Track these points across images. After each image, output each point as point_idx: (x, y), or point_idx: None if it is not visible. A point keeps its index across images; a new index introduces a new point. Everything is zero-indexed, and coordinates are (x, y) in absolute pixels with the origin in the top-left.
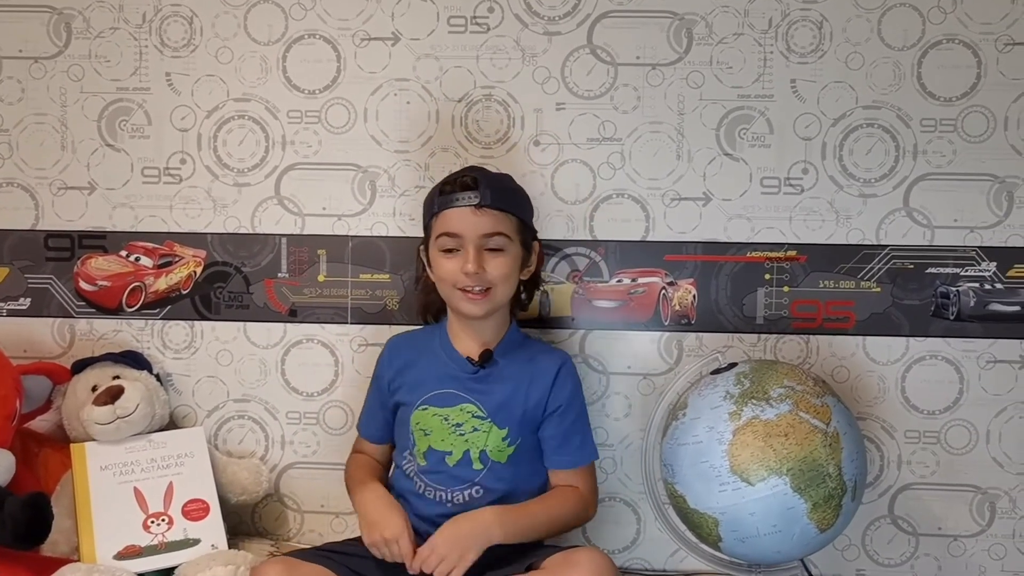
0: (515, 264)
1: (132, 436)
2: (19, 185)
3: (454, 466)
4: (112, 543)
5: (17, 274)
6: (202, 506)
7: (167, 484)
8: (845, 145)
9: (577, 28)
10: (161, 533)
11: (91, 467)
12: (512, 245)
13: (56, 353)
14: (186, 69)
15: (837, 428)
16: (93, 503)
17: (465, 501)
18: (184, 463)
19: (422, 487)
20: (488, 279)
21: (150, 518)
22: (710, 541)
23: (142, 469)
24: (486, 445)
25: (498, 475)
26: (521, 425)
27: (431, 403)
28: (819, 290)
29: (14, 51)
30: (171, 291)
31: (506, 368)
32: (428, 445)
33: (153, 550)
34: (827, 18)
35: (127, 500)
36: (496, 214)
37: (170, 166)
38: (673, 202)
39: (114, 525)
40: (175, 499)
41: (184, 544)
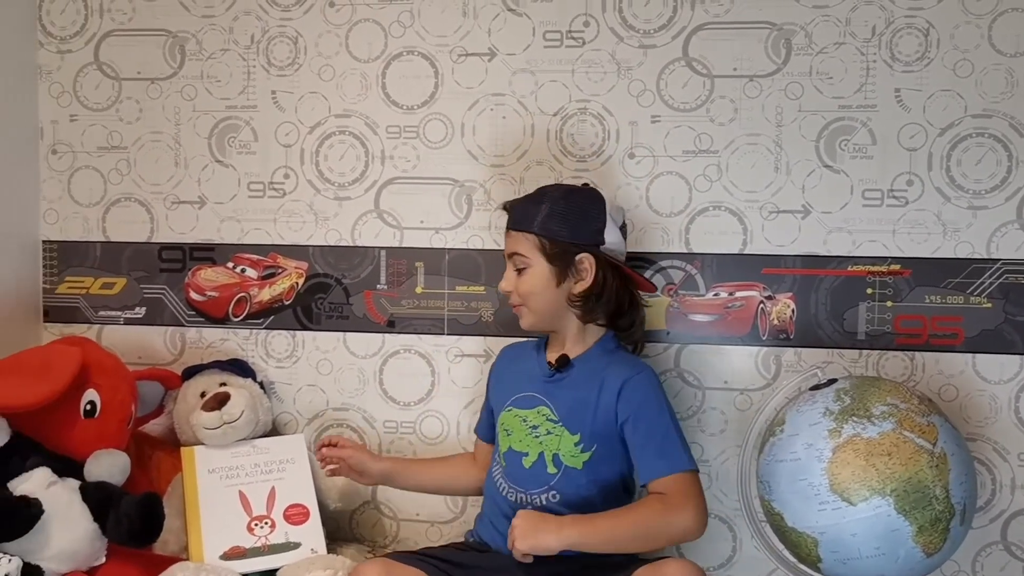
0: (542, 280)
1: (238, 441)
2: (136, 200)
3: (530, 468)
4: (218, 543)
5: (134, 284)
6: (302, 511)
7: (270, 489)
8: (953, 155)
9: (672, 41)
10: (264, 536)
11: (200, 470)
12: (536, 263)
13: (168, 360)
14: (290, 87)
15: (944, 448)
16: (201, 504)
17: (541, 505)
18: (286, 469)
19: (504, 488)
20: (516, 297)
21: (254, 521)
22: (809, 561)
23: (246, 473)
24: (559, 449)
25: (574, 481)
26: (594, 433)
27: (515, 404)
28: (925, 305)
29: (133, 73)
30: (274, 302)
31: (580, 375)
32: (509, 445)
33: (257, 552)
34: (934, 25)
35: (232, 503)
36: (516, 235)
37: (274, 181)
38: (771, 215)
39: (220, 526)
40: (277, 503)
41: (286, 547)
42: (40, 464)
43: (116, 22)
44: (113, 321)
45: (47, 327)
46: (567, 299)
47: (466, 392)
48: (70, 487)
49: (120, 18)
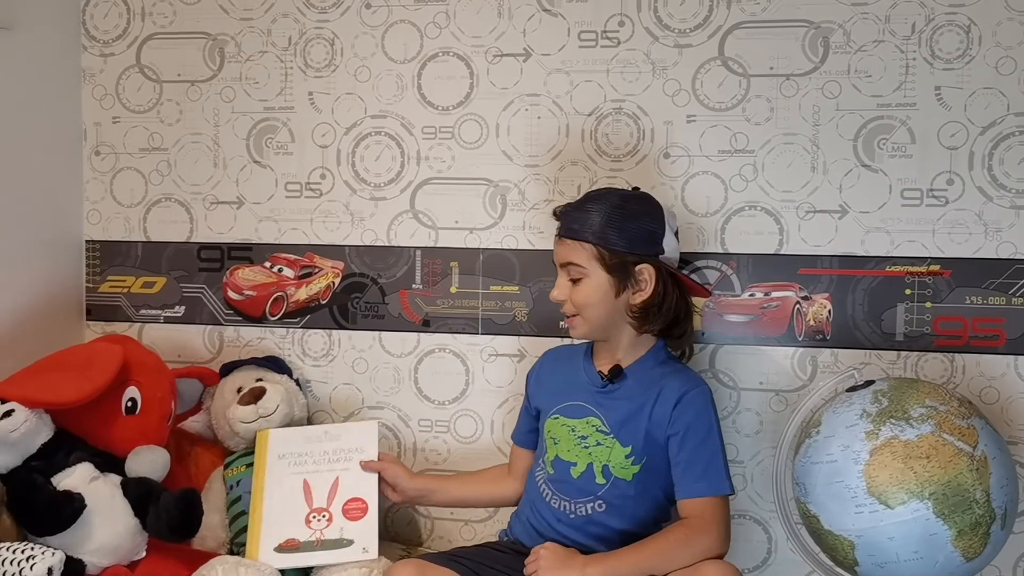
0: (599, 290)
1: (310, 426)
2: (176, 200)
3: (578, 478)
4: (276, 535)
5: (173, 283)
6: (361, 506)
7: (334, 480)
8: (995, 154)
9: (708, 40)
10: (320, 530)
11: (271, 455)
12: (593, 272)
13: (206, 358)
14: (327, 88)
15: (985, 451)
16: (266, 491)
17: (587, 514)
18: (352, 459)
19: (548, 495)
20: (570, 307)
21: (312, 513)
22: (846, 565)
23: (314, 461)
24: (609, 460)
25: (623, 493)
26: (646, 445)
27: (562, 413)
28: (965, 306)
29: (173, 75)
30: (311, 301)
31: (634, 386)
32: (556, 454)
33: (310, 546)
34: (975, 22)
35: (296, 492)
36: (570, 243)
37: (311, 181)
38: (808, 215)
39: (280, 516)
40: (338, 496)
41: (338, 544)
42: (83, 459)
43: (157, 25)
44: (153, 320)
45: (89, 325)
46: (626, 310)
47: (500, 392)
48: (112, 482)
49: (161, 21)
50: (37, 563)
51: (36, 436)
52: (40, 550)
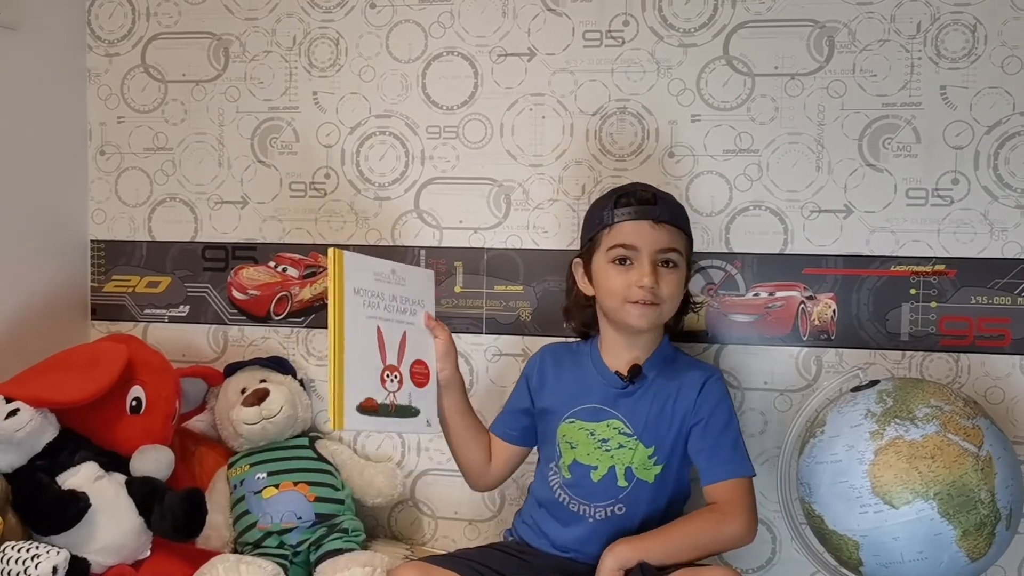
0: (683, 283)
1: (376, 259)
2: (181, 200)
3: (598, 481)
4: (359, 390)
5: (178, 283)
6: (424, 371)
7: (402, 334)
8: (1000, 154)
9: (713, 39)
10: (393, 392)
11: (348, 286)
12: (682, 263)
13: (211, 358)
14: (331, 88)
15: (990, 452)
16: (347, 336)
17: (606, 517)
18: (416, 313)
19: (566, 500)
20: (660, 295)
21: (386, 371)
22: (850, 565)
23: (384, 307)
24: (632, 462)
25: (643, 494)
26: (671, 444)
27: (578, 416)
28: (971, 306)
29: (178, 75)
30: (315, 300)
31: (654, 384)
32: (573, 458)
33: (386, 410)
34: (981, 21)
35: (371, 343)
36: (672, 230)
37: (315, 181)
38: (813, 214)
39: (361, 370)
40: (407, 355)
41: (408, 412)
42: (88, 459)
43: (162, 25)
44: (158, 319)
45: (94, 325)
46: None
47: (504, 391)
48: (116, 481)
49: (166, 21)
50: (42, 562)
51: (41, 435)
52: (45, 549)
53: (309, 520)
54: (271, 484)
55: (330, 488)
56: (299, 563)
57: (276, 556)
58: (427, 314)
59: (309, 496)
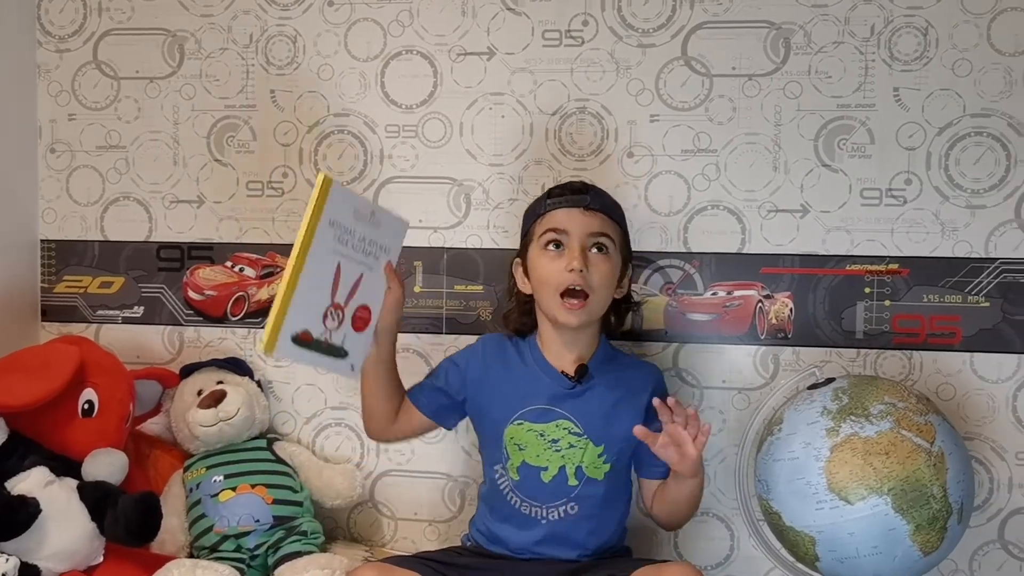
0: (615, 273)
1: (361, 198)
2: (135, 199)
3: (549, 482)
4: (299, 321)
5: (132, 283)
6: (366, 316)
7: (358, 275)
8: (951, 155)
9: (671, 40)
10: (331, 330)
11: (325, 215)
12: (615, 252)
13: (166, 359)
14: (289, 86)
15: (942, 447)
16: (307, 265)
17: (560, 517)
18: (380, 258)
19: (517, 502)
20: (590, 281)
21: (332, 308)
22: (807, 560)
23: (352, 245)
24: (582, 461)
25: (593, 491)
26: (618, 441)
27: (526, 418)
28: (923, 304)
29: (132, 72)
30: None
31: (601, 384)
32: (522, 460)
33: (318, 345)
34: (933, 24)
35: (327, 277)
36: (603, 217)
37: (273, 180)
38: (770, 214)
39: (308, 301)
40: (356, 297)
41: (337, 352)
42: (38, 463)
43: (115, 21)
44: (111, 320)
45: (45, 326)
46: (610, 303)
47: None
48: (68, 486)
49: (119, 17)
50: None
51: None
52: None
53: (267, 523)
54: (228, 487)
55: (288, 490)
56: (257, 566)
57: (233, 560)
58: (389, 263)
59: (267, 498)
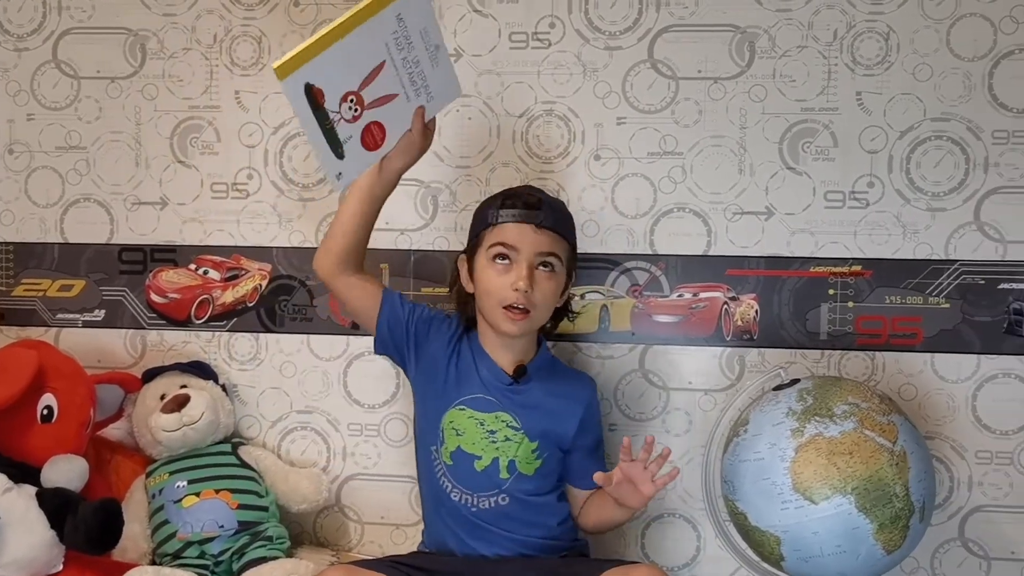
0: (559, 289)
1: (435, 23)
2: (95, 200)
3: (481, 471)
4: (322, 72)
5: (93, 286)
6: (378, 137)
7: (393, 95)
8: (912, 158)
9: (638, 43)
10: (341, 117)
11: (395, 6)
12: (561, 269)
13: (128, 363)
14: (254, 87)
15: (904, 447)
16: (355, 31)
17: (490, 507)
18: (419, 95)
19: (448, 487)
20: (533, 300)
21: (352, 95)
22: (772, 560)
23: (404, 59)
24: (516, 455)
25: (523, 486)
26: (550, 442)
27: (469, 405)
28: (885, 306)
29: (92, 72)
30: (237, 304)
31: (540, 387)
32: (458, 445)
33: (323, 118)
34: (894, 29)
35: (368, 61)
36: (553, 235)
37: (238, 181)
38: (735, 216)
39: (341, 64)
40: (380, 111)
41: (335, 143)
42: None
43: (75, 20)
44: (71, 324)
45: (3, 330)
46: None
47: None
48: (26, 493)
49: (79, 16)
50: None
51: None
52: None
53: (231, 528)
54: (191, 492)
55: (253, 495)
56: (221, 573)
57: (197, 566)
58: (421, 108)
59: (232, 503)
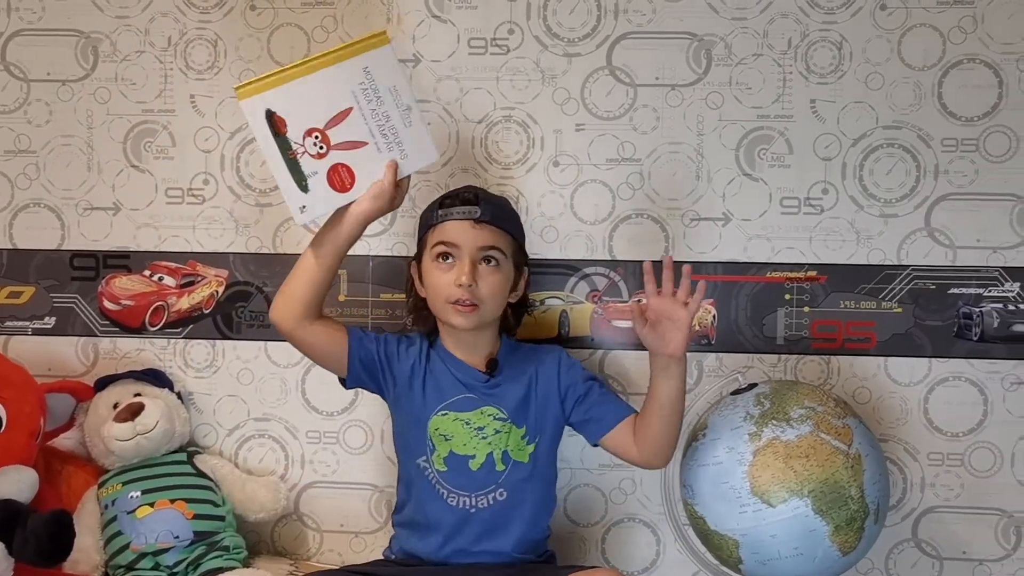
0: (506, 283)
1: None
2: (45, 206)
3: (477, 470)
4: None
5: (43, 293)
6: (347, 180)
7: (363, 140)
8: (865, 165)
9: (596, 49)
10: (306, 150)
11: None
12: (506, 263)
13: (80, 372)
14: (210, 91)
15: (859, 450)
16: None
17: (489, 505)
18: (391, 149)
19: (444, 493)
20: (479, 294)
21: (318, 133)
22: (731, 563)
23: (373, 111)
24: (507, 445)
25: (519, 475)
26: (537, 422)
27: (451, 408)
28: (840, 311)
29: (42, 74)
30: (193, 310)
31: (511, 372)
32: (449, 450)
33: (285, 145)
34: (847, 39)
35: (333, 103)
36: (494, 230)
37: (193, 187)
38: (692, 222)
39: (304, 97)
40: (347, 152)
41: (300, 177)
42: None
43: (25, 21)
44: (21, 332)
45: None
46: (503, 308)
47: None
48: None
49: (29, 17)
50: None
51: None
52: None
53: (187, 539)
54: (146, 502)
55: (210, 504)
56: None
57: None
58: (394, 163)
59: (187, 513)
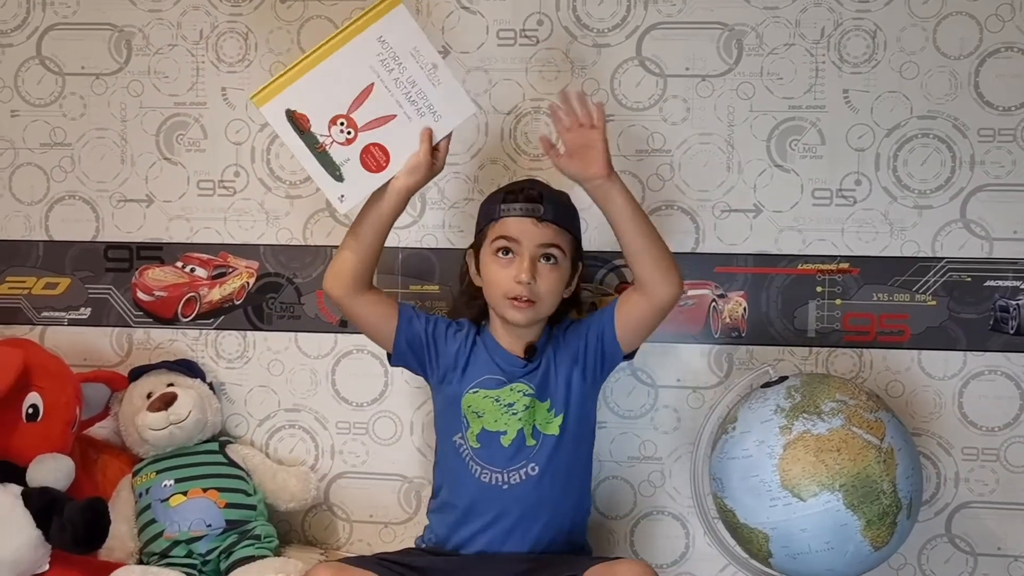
0: (563, 280)
1: (425, 43)
2: (81, 198)
3: (509, 446)
4: (301, 98)
5: (78, 284)
6: (381, 160)
7: (390, 114)
8: (899, 156)
9: (626, 40)
10: (333, 140)
11: (375, 30)
12: (564, 261)
13: (114, 362)
14: (241, 84)
15: (891, 444)
16: (336, 54)
17: (521, 480)
18: (425, 117)
19: (478, 471)
20: (537, 291)
21: (343, 119)
22: (760, 557)
23: (396, 79)
24: (535, 420)
25: (550, 449)
26: (563, 392)
27: (481, 386)
28: (872, 303)
29: (77, 68)
30: (225, 302)
31: (546, 357)
32: (481, 427)
33: (312, 141)
34: (881, 27)
35: (353, 85)
36: (555, 228)
37: (224, 179)
38: (723, 214)
39: (321, 88)
40: (379, 132)
41: (332, 168)
42: None
43: (59, 15)
44: (57, 322)
45: None
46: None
47: (419, 392)
48: (12, 493)
49: (64, 11)
50: None
51: None
52: None
53: (219, 527)
54: (179, 491)
55: (241, 494)
56: (208, 572)
57: (184, 566)
58: (428, 130)
59: (219, 502)
